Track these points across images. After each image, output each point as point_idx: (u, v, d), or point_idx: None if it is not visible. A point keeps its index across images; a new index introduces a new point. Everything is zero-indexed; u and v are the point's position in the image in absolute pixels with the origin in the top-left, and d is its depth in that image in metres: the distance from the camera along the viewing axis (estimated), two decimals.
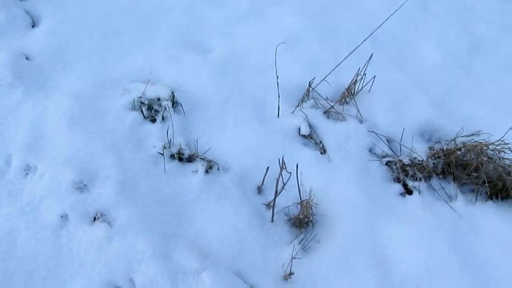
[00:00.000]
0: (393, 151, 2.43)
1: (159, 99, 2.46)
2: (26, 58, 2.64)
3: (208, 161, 2.23)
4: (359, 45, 2.50)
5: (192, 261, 1.90)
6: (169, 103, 2.42)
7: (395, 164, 2.35)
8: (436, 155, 2.37)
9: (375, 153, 2.40)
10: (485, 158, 2.30)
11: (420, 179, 2.30)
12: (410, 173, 2.32)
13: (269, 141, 2.34)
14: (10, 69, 2.52)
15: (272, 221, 2.09)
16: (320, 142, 2.40)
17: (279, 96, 2.44)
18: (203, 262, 1.90)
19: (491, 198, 2.28)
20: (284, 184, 1.96)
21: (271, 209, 2.08)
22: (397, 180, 2.30)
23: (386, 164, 2.36)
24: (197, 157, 2.25)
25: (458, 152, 2.33)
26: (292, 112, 2.49)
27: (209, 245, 1.98)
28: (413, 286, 1.94)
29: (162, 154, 2.22)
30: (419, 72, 2.83)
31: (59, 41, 2.75)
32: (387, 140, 2.45)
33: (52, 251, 1.93)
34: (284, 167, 1.87)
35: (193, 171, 2.21)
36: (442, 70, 2.86)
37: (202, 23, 2.95)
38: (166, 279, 1.86)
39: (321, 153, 2.35)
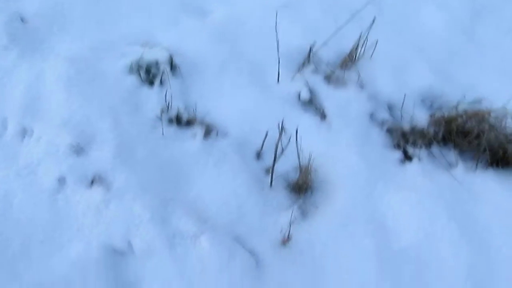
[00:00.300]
0: (394, 117, 2.40)
1: (157, 63, 2.41)
2: (21, 20, 2.59)
3: (206, 125, 2.21)
4: (362, 8, 2.44)
5: (190, 225, 1.89)
6: (167, 67, 2.38)
7: (396, 131, 2.32)
8: (437, 122, 2.34)
9: (375, 120, 2.37)
10: (486, 126, 2.27)
11: (421, 146, 2.28)
12: (411, 140, 2.30)
13: (268, 106, 2.31)
14: (5, 31, 2.48)
15: (271, 186, 2.08)
16: (320, 108, 2.37)
17: (279, 60, 2.39)
18: (201, 227, 1.89)
19: (492, 166, 2.26)
20: (283, 149, 1.94)
21: (270, 174, 2.06)
22: (398, 147, 2.28)
23: (387, 130, 2.33)
24: (196, 121, 2.22)
25: (460, 120, 2.30)
26: (292, 77, 2.45)
27: (208, 209, 1.97)
28: (412, 253, 1.93)
29: (160, 118, 2.19)
30: (421, 38, 2.78)
31: (55, 3, 2.69)
32: (388, 107, 2.42)
33: (49, 214, 1.91)
34: (283, 130, 1.84)
35: (191, 136, 2.18)
36: (445, 35, 2.81)
37: None
38: (164, 243, 1.85)
39: (321, 119, 2.32)
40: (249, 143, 2.19)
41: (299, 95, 2.39)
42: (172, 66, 2.41)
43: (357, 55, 2.52)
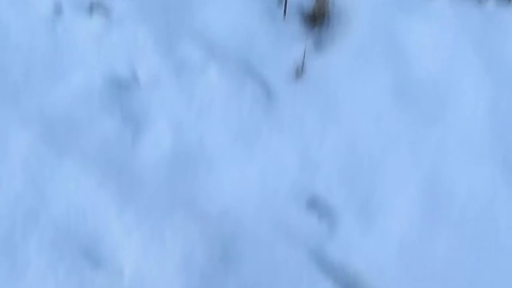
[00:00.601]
0: None
1: None
2: None
3: None
4: None
5: (197, 54, 1.78)
6: None
7: None
8: None
9: None
10: None
11: None
12: None
13: None
14: None
15: (284, 16, 1.92)
16: None
17: None
18: (209, 56, 1.79)
19: None
20: None
21: (283, 2, 1.90)
22: None
23: None
24: None
25: None
26: None
27: (215, 39, 1.84)
28: (431, 85, 1.82)
29: None
30: None
31: None
32: None
33: (48, 43, 1.81)
34: None
35: None
36: None
37: None
38: (170, 73, 1.76)
39: None
40: None
41: None
42: None
43: None
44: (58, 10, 1.84)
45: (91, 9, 1.85)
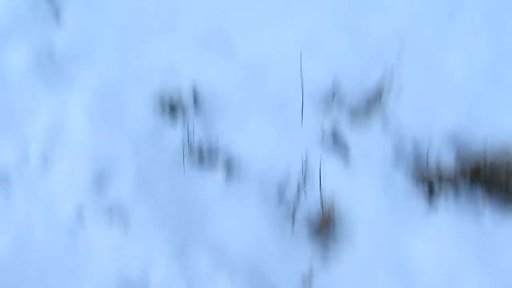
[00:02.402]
0: (419, 162, 2.32)
1: (180, 99, 2.41)
2: (49, 52, 2.64)
3: (228, 166, 2.19)
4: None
5: (209, 264, 1.87)
6: (191, 103, 2.39)
7: (421, 176, 2.25)
8: (463, 171, 2.26)
9: (400, 162, 2.31)
10: None
11: (447, 193, 2.20)
12: (436, 186, 2.22)
13: (291, 148, 2.26)
14: (33, 61, 2.54)
15: (293, 228, 2.03)
16: (344, 150, 2.32)
17: (302, 101, 2.36)
18: (219, 265, 1.87)
19: None
20: (306, 193, 1.91)
21: (292, 216, 2.02)
22: (422, 192, 2.21)
23: (412, 175, 2.26)
24: (218, 158, 2.20)
25: (487, 169, 2.22)
26: (316, 118, 2.41)
27: (227, 250, 1.93)
28: None
29: (182, 156, 2.18)
30: (448, 78, 2.69)
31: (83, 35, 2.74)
32: (414, 148, 2.35)
33: (68, 247, 1.93)
34: (307, 178, 1.84)
35: (212, 174, 2.17)
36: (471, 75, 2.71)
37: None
38: (181, 280, 1.83)
39: (345, 162, 2.27)
40: (271, 182, 2.15)
41: (322, 137, 2.35)
42: (195, 102, 2.41)
43: (383, 94, 2.48)
44: (80, 215, 1.99)
45: (111, 216, 1.98)
